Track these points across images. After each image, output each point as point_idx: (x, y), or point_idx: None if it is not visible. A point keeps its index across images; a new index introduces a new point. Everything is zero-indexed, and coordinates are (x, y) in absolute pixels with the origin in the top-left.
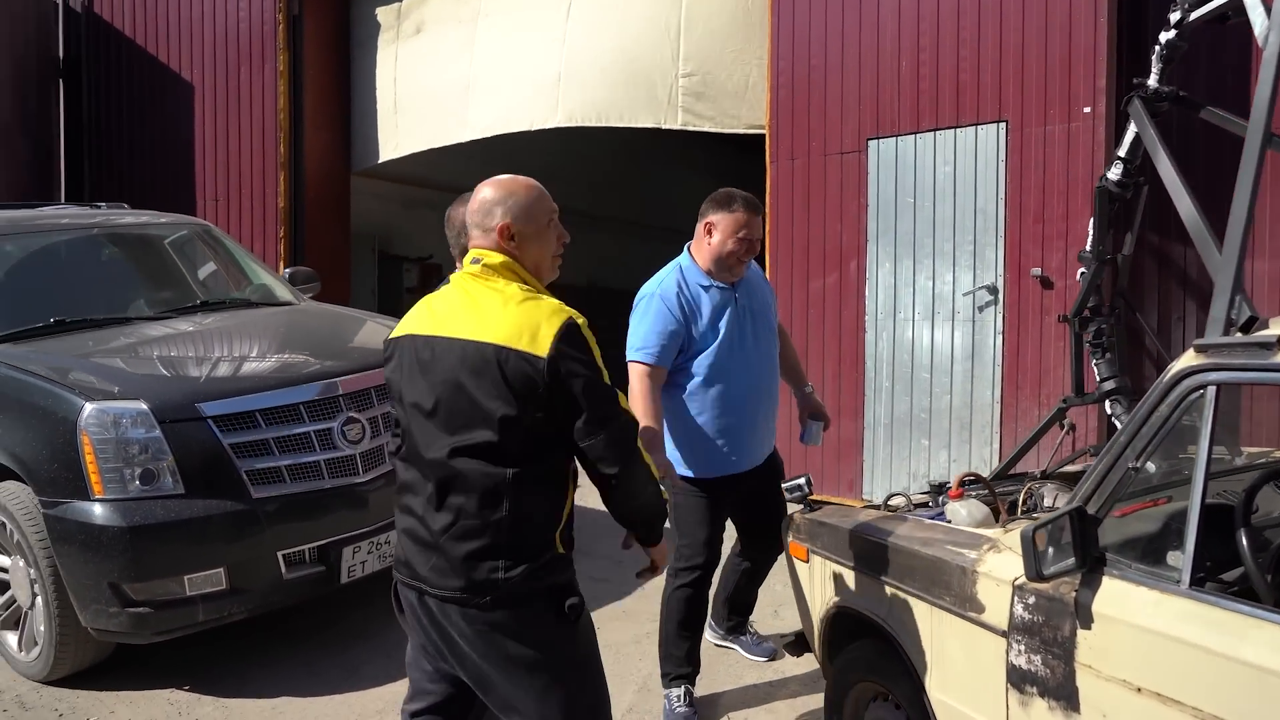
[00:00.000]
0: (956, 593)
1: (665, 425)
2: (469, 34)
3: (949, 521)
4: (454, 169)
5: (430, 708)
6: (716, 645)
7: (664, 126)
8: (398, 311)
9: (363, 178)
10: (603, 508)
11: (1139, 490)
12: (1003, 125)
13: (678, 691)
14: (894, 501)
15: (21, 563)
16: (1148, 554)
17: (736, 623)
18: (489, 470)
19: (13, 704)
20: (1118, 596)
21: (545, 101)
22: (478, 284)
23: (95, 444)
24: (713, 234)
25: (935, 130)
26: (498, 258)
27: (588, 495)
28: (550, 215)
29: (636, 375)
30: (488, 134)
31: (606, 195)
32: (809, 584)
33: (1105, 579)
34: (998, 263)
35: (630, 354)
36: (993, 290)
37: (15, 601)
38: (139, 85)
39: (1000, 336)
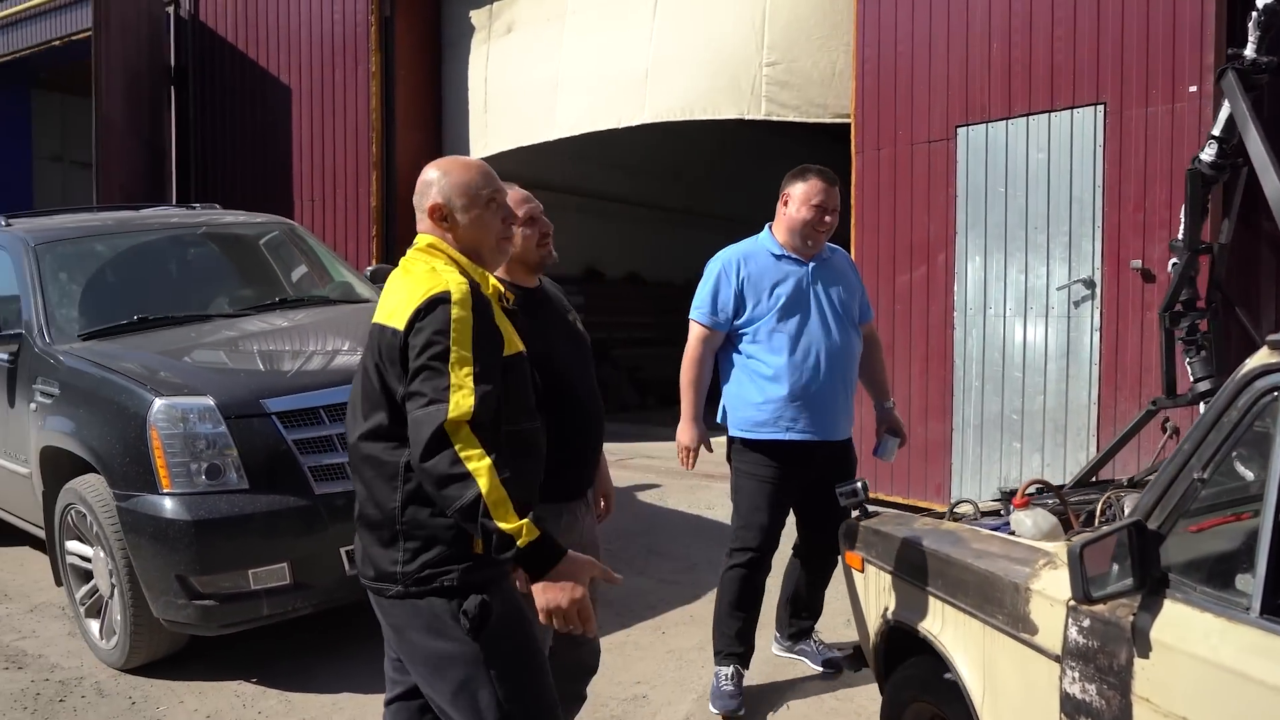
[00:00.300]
0: (1009, 611)
1: (725, 389)
2: (557, 32)
3: (1012, 532)
4: (549, 166)
5: (400, 696)
6: (780, 656)
7: (747, 117)
8: None
9: None
10: (678, 508)
11: (1223, 502)
12: (1100, 108)
13: (727, 670)
14: (961, 509)
15: (102, 553)
16: (1215, 576)
17: (799, 629)
18: (386, 455)
19: (91, 690)
20: (1179, 623)
21: (633, 98)
22: (399, 267)
23: (163, 438)
24: (788, 205)
25: (1028, 115)
26: (425, 239)
27: (668, 496)
28: (490, 196)
29: (690, 335)
30: (574, 132)
31: (705, 193)
32: (864, 595)
33: (1167, 602)
34: (1095, 254)
35: (690, 313)
36: (1089, 284)
37: (98, 590)
38: (240, 89)
39: (1097, 333)
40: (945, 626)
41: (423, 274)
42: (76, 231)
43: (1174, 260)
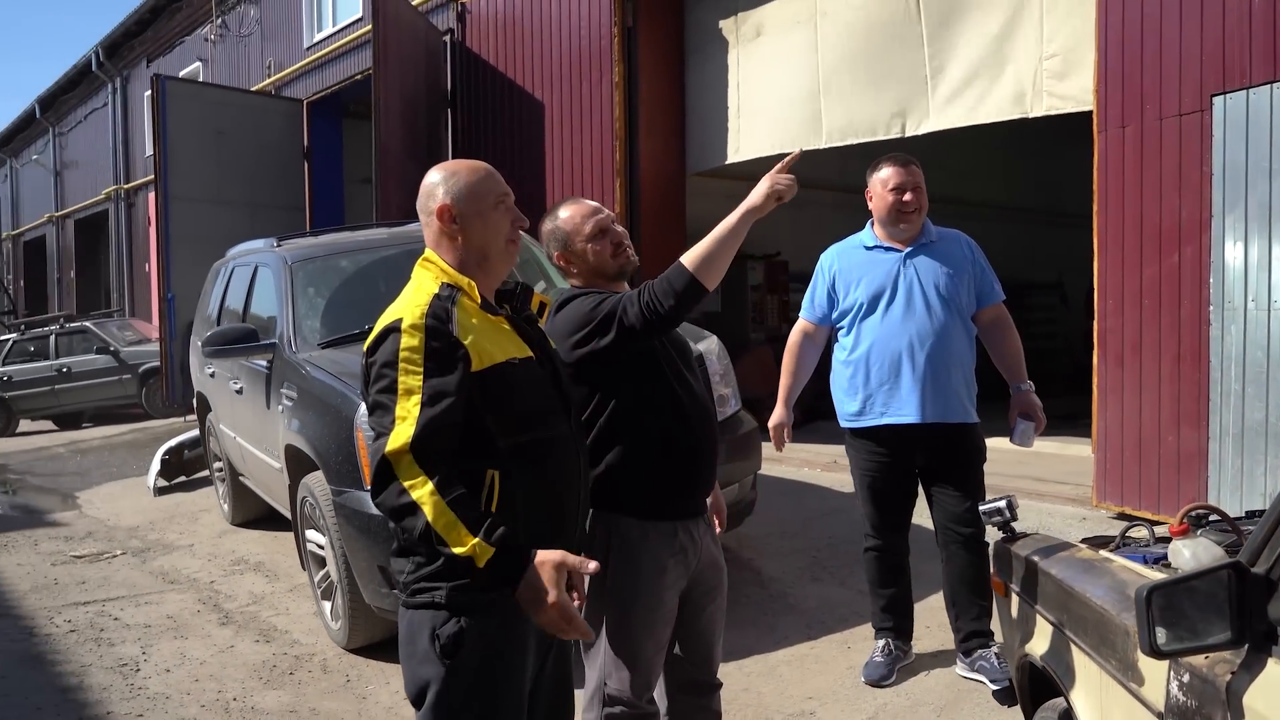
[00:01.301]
0: (1120, 657)
1: (831, 386)
2: (809, 35)
3: (1168, 565)
4: (809, 164)
5: None
6: (964, 678)
7: (1030, 115)
8: (740, 311)
9: (709, 178)
10: None
11: None
12: None
13: (880, 644)
14: (1135, 534)
15: (329, 542)
16: None
17: (966, 633)
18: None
19: (317, 666)
20: (1275, 688)
21: (916, 104)
22: None
23: (368, 440)
24: (872, 199)
25: None
26: (425, 253)
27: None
28: (500, 197)
29: (793, 329)
30: (846, 141)
31: (982, 184)
32: (1008, 625)
33: (1270, 662)
34: None
35: None
36: None
37: (330, 576)
38: (500, 108)
39: None
40: (1067, 667)
41: (403, 295)
42: (326, 249)
43: None
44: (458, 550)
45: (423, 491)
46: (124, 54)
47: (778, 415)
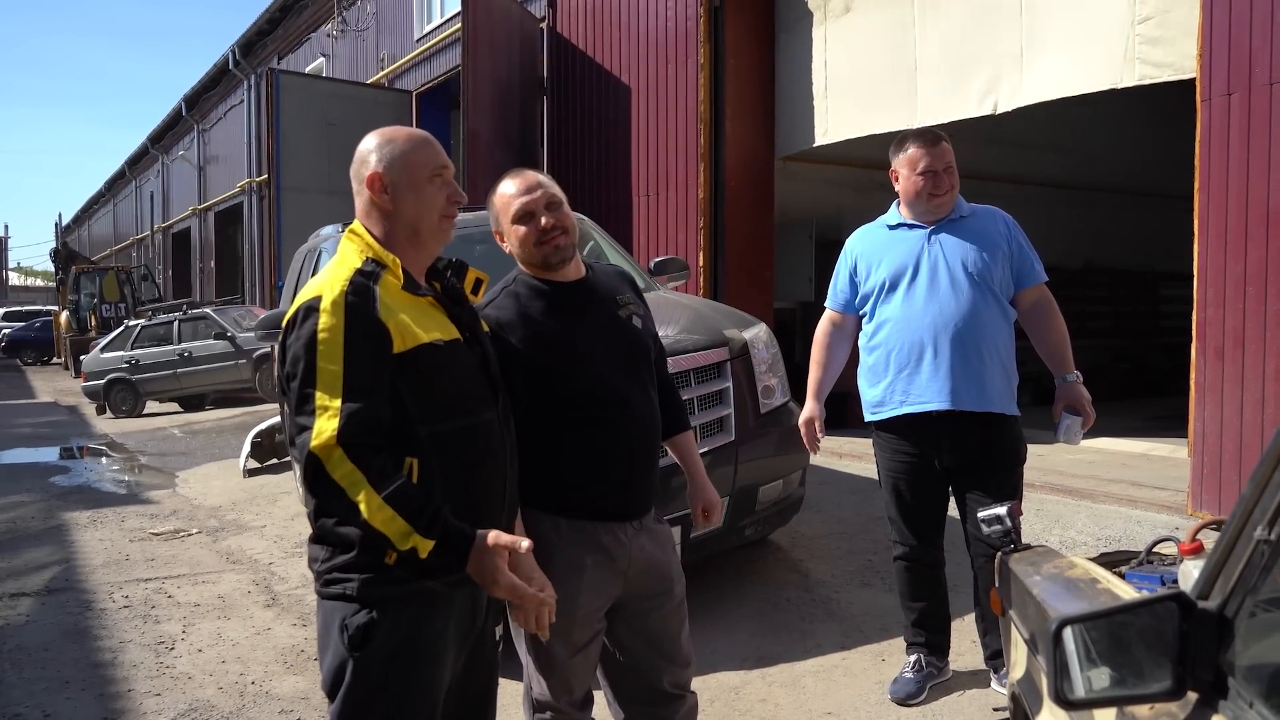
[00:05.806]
0: None
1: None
2: (905, 11)
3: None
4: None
5: None
6: (997, 691)
7: (1120, 86)
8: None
9: (806, 163)
10: None
11: None
12: None
13: (912, 659)
14: (1163, 549)
15: None
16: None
17: (993, 653)
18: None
19: None
20: None
21: (1008, 79)
22: None
23: None
24: (899, 179)
25: None
26: (353, 223)
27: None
28: (436, 170)
29: (821, 319)
30: (941, 120)
31: (1096, 164)
32: (1005, 648)
33: (1215, 719)
34: None
35: None
36: None
37: None
38: (589, 93)
39: None
40: (1040, 698)
41: (325, 269)
42: None
43: None
44: (401, 547)
45: (358, 491)
46: (258, 52)
47: (808, 410)
